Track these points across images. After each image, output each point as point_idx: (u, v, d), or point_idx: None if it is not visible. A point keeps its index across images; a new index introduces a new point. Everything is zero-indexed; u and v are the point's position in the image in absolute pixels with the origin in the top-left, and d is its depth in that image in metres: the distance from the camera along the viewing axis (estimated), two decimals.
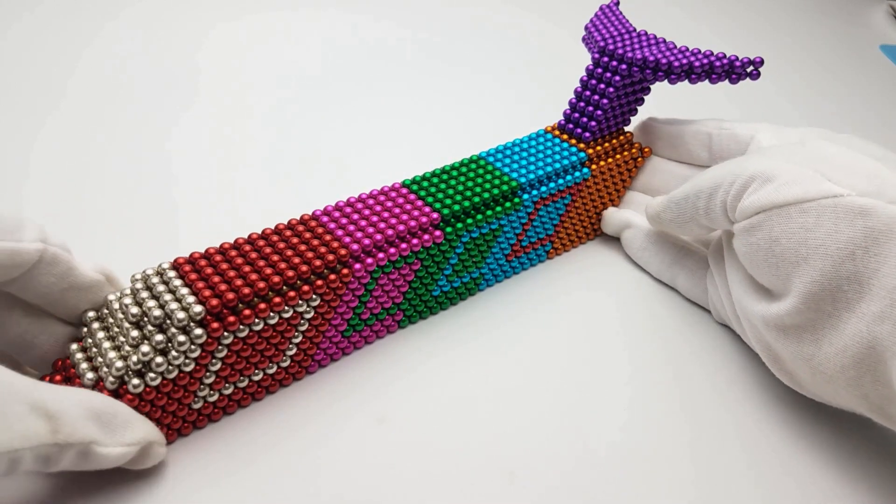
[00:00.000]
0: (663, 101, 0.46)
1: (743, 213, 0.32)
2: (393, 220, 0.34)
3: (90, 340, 0.29)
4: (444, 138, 0.55)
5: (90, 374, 0.28)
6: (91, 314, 0.30)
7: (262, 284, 0.29)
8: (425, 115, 0.58)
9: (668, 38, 0.43)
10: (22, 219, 0.27)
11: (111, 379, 0.28)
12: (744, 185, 0.32)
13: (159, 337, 0.28)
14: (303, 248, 0.32)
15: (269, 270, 0.30)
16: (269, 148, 0.51)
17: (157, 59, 0.60)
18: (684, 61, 0.40)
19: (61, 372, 0.30)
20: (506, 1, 0.79)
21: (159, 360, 0.28)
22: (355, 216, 0.34)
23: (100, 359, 0.28)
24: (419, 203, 0.36)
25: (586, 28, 0.46)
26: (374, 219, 0.34)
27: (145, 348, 0.27)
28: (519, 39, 0.72)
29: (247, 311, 0.29)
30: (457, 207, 0.36)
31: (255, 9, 0.70)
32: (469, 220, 0.36)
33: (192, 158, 0.49)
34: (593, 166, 0.42)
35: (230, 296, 0.29)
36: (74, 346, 0.30)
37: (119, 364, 0.28)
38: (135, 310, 0.28)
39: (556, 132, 0.43)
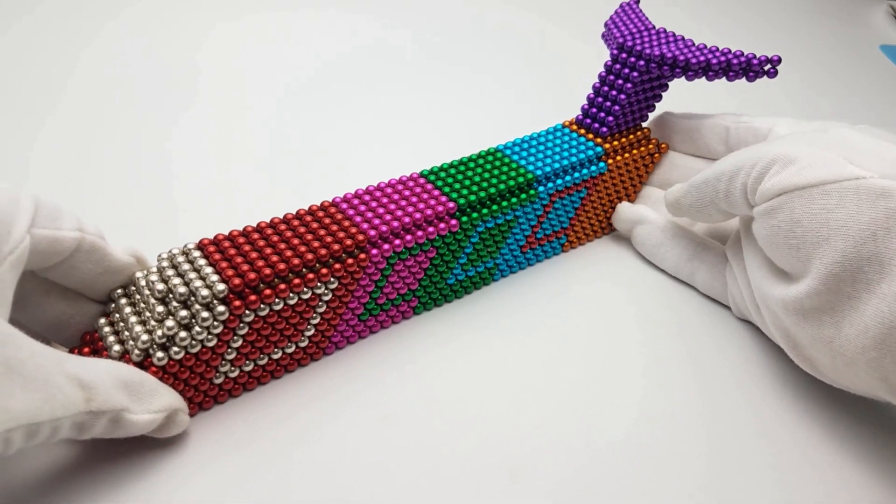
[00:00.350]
0: (666, 99, 0.46)
1: (764, 195, 0.32)
2: (410, 209, 0.35)
3: (117, 315, 0.30)
4: (444, 138, 0.55)
5: (117, 347, 0.29)
6: (119, 290, 0.31)
7: (282, 266, 0.30)
8: (425, 115, 0.58)
9: None
10: (61, 208, 0.28)
11: (137, 352, 0.28)
12: (765, 168, 0.32)
13: (183, 313, 0.28)
14: (322, 232, 0.32)
15: (289, 253, 0.31)
16: (269, 148, 0.51)
17: (157, 59, 0.60)
18: (702, 58, 0.40)
19: (89, 345, 0.30)
20: (506, 1, 0.79)
21: (183, 334, 0.28)
22: (373, 204, 0.35)
23: (126, 333, 0.29)
24: (436, 192, 0.36)
25: (606, 25, 0.46)
26: (392, 207, 0.35)
27: (170, 323, 0.28)
28: (519, 39, 0.72)
29: (267, 291, 0.29)
30: (473, 198, 0.36)
31: (255, 9, 0.70)
32: (484, 211, 0.36)
33: (192, 158, 0.49)
34: (610, 161, 0.42)
35: (252, 276, 0.29)
36: (102, 321, 0.30)
37: (144, 337, 0.28)
38: (161, 287, 0.29)
39: (574, 127, 0.43)
